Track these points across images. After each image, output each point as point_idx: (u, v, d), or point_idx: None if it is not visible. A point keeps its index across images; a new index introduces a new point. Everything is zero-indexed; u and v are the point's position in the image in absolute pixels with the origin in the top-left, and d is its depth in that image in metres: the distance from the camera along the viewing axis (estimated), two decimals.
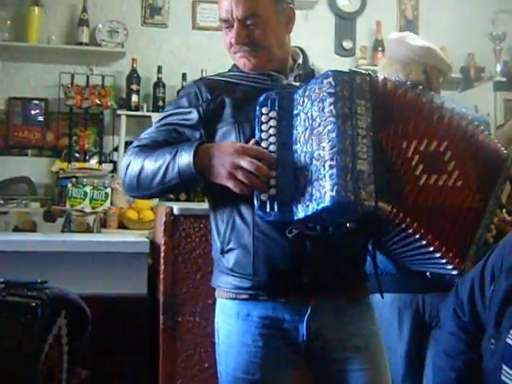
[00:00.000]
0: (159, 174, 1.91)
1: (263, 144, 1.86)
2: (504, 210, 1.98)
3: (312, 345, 1.97)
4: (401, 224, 1.77)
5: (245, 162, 1.80)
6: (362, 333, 2.01)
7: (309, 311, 1.95)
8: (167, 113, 2.07)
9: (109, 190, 4.87)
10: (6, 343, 1.43)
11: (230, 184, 1.82)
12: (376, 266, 2.05)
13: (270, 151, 1.85)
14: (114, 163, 5.20)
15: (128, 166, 1.99)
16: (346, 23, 5.88)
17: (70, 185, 4.85)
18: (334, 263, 1.94)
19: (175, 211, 2.77)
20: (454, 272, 1.83)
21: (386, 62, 2.83)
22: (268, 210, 1.81)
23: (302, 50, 2.15)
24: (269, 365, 1.96)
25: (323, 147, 1.75)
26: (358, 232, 1.84)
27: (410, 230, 1.78)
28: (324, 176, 1.72)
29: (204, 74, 5.29)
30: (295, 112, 1.86)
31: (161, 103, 5.34)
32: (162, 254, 2.77)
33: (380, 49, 5.71)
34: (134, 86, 5.31)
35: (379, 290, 2.12)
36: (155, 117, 5.17)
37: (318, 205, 1.72)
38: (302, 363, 2.03)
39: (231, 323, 2.00)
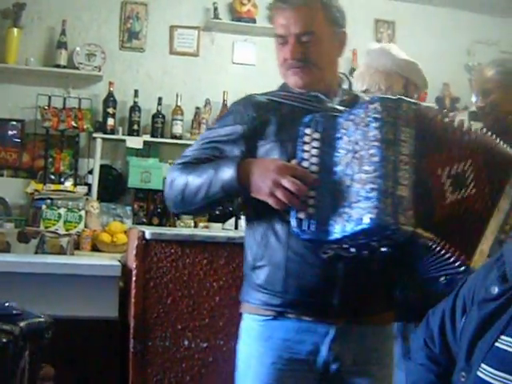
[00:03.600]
0: (203, 188, 1.95)
1: (304, 164, 1.87)
2: None
3: (329, 367, 1.98)
4: (436, 249, 1.78)
5: (285, 181, 1.82)
6: (380, 362, 2.03)
7: (333, 334, 1.96)
8: (212, 130, 2.12)
9: (83, 213, 4.85)
10: None
11: (270, 200, 1.85)
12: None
13: (310, 171, 1.86)
14: (89, 186, 5.19)
15: (172, 182, 2.03)
16: None
17: (44, 206, 4.83)
18: (365, 287, 1.95)
19: (147, 235, 2.78)
20: (461, 268, 1.81)
21: (366, 70, 2.83)
22: (304, 227, 1.81)
23: (346, 76, 2.18)
24: None
25: (365, 170, 1.76)
26: (391, 258, 1.85)
27: (443, 251, 1.78)
28: (364, 198, 1.73)
29: (179, 99, 5.36)
30: (338, 135, 1.87)
31: (136, 127, 5.34)
32: (134, 278, 2.78)
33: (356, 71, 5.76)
34: (110, 110, 5.31)
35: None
36: (130, 140, 5.22)
37: (356, 226, 1.72)
38: None
39: (251, 345, 2.02)
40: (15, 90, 5.34)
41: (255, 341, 2.02)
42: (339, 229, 1.77)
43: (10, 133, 5.35)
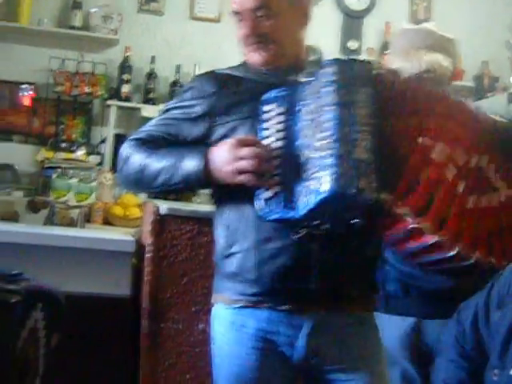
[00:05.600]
0: (162, 176, 1.95)
1: (266, 142, 1.87)
2: None
3: (308, 363, 1.94)
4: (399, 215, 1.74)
5: (244, 151, 1.83)
6: (365, 355, 1.98)
7: (310, 325, 1.92)
8: (169, 106, 2.10)
9: (95, 184, 4.83)
10: None
11: (241, 177, 1.84)
12: (384, 288, 2.04)
13: (273, 149, 1.85)
14: (102, 155, 5.17)
15: (127, 158, 2.03)
16: (352, 22, 5.84)
17: (54, 175, 4.81)
18: (342, 268, 1.91)
19: (163, 211, 2.73)
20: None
21: (405, 50, 2.75)
22: (272, 208, 1.81)
23: (316, 48, 2.14)
24: (262, 380, 1.94)
25: (322, 137, 1.74)
26: (366, 231, 1.81)
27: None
28: (322, 167, 1.71)
29: (198, 67, 5.29)
30: (298, 108, 1.86)
31: (152, 95, 5.32)
32: (148, 255, 2.74)
33: (388, 51, 5.66)
34: (125, 76, 5.27)
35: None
36: (145, 109, 5.17)
37: (316, 197, 1.70)
38: (297, 380, 2.01)
39: (225, 334, 1.99)
40: (27, 51, 5.31)
41: (228, 330, 1.98)
42: (303, 204, 1.75)
43: (21, 96, 5.31)
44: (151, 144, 2.02)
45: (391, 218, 1.75)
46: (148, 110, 5.15)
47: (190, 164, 1.90)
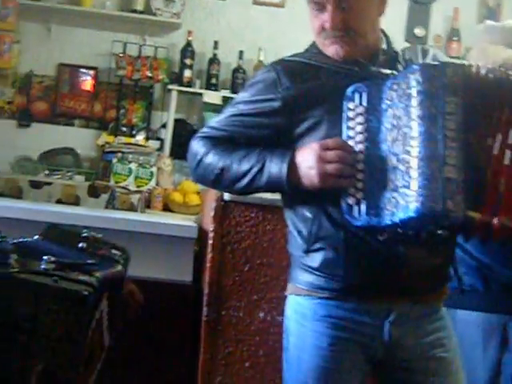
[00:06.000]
0: (244, 180, 1.90)
1: (350, 143, 1.82)
2: None
3: (391, 353, 1.93)
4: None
5: (330, 155, 1.79)
6: (443, 343, 1.96)
7: (393, 316, 1.91)
8: (241, 99, 2.01)
9: (154, 169, 4.85)
10: (53, 332, 1.42)
11: (326, 182, 1.80)
12: (460, 281, 2.00)
13: (358, 151, 1.80)
14: (162, 141, 5.18)
15: (201, 160, 1.97)
16: (419, 8, 5.72)
17: (115, 160, 4.85)
18: (426, 269, 1.91)
19: (226, 197, 2.72)
20: None
21: (492, 48, 2.68)
22: (355, 214, 1.78)
23: (384, 33, 2.06)
24: (342, 373, 1.92)
25: (408, 151, 1.70)
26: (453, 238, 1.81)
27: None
28: (409, 184, 1.68)
29: (262, 54, 5.25)
30: (383, 107, 1.80)
31: (214, 80, 5.30)
32: (210, 242, 2.72)
33: (455, 38, 5.55)
34: (187, 61, 5.27)
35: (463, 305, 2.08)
36: (207, 95, 5.15)
37: (404, 214, 1.68)
38: (374, 374, 1.99)
39: (305, 324, 1.95)
40: (90, 35, 5.36)
41: (309, 321, 1.95)
42: (389, 215, 1.73)
43: (82, 80, 5.35)
44: (225, 143, 1.95)
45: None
46: (210, 96, 5.14)
47: (274, 168, 1.85)
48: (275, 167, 1.85)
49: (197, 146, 1.99)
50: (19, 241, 1.70)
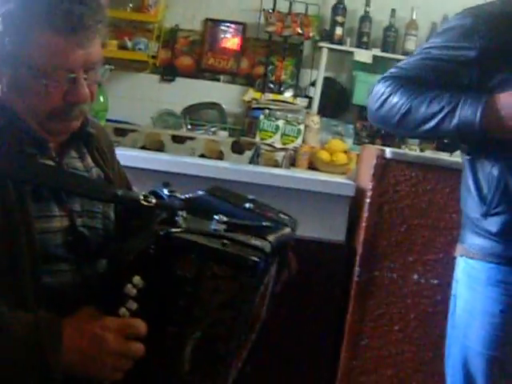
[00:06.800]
0: (432, 122, 1.82)
1: None
2: None
3: None
4: None
5: None
6: None
7: None
8: (432, 45, 1.93)
9: (302, 127, 4.82)
10: (215, 299, 1.36)
11: None
12: None
13: None
14: (310, 99, 5.13)
15: (387, 97, 1.90)
16: None
17: (262, 116, 4.84)
18: None
19: (387, 155, 2.67)
20: None
21: None
22: None
23: None
24: None
25: None
26: None
27: None
28: None
29: (415, 13, 5.11)
30: None
31: (365, 39, 5.18)
32: (368, 200, 2.68)
33: None
34: (339, 18, 5.17)
35: None
36: (358, 53, 5.07)
37: None
38: None
39: (478, 289, 1.90)
40: None
41: (482, 285, 1.89)
42: None
43: (230, 36, 5.37)
44: (414, 84, 1.88)
45: None
46: (361, 55, 5.06)
47: (467, 110, 1.77)
48: (469, 109, 1.76)
49: (382, 86, 1.93)
50: (190, 196, 1.62)
